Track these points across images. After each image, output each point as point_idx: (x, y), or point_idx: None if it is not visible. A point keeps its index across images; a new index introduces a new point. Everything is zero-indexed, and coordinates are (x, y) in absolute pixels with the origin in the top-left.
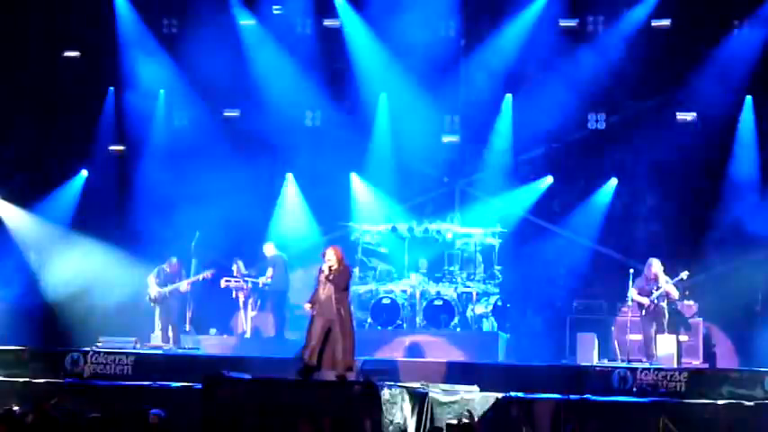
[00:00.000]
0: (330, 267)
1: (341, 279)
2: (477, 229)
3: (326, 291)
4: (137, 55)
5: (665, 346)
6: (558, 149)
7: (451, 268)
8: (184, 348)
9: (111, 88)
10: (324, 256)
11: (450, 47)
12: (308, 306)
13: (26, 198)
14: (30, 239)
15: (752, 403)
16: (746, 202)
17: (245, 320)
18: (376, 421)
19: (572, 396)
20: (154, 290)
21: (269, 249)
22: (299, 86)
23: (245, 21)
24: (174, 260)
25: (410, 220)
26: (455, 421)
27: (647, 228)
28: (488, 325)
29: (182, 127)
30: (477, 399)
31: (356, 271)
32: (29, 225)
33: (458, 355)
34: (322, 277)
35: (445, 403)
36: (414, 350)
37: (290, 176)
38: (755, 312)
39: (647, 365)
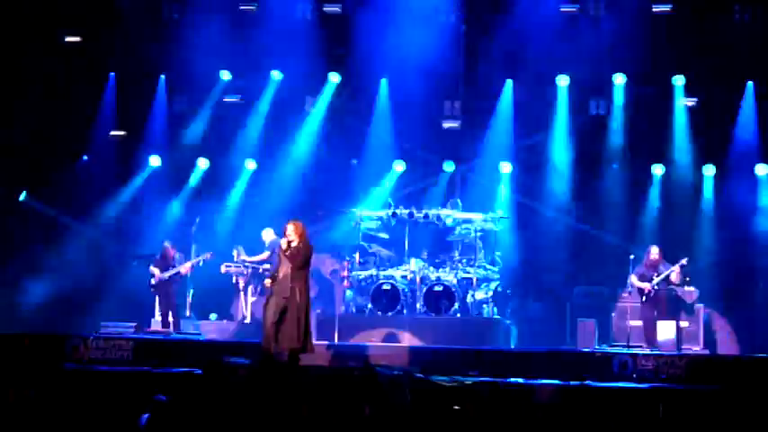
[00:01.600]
0: (289, 242)
1: (298, 255)
2: (478, 214)
3: (284, 268)
4: (138, 40)
5: (666, 332)
6: (560, 135)
7: (452, 254)
8: (185, 334)
9: (113, 73)
10: (284, 231)
11: (451, 32)
12: (268, 282)
13: (27, 183)
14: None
15: (752, 390)
16: (747, 187)
17: (246, 306)
18: (376, 406)
19: (572, 382)
20: (155, 277)
21: (268, 234)
22: (299, 71)
23: (246, 6)
24: (168, 244)
25: (410, 206)
26: (453, 405)
27: (647, 213)
28: (488, 311)
29: (182, 112)
30: (477, 384)
31: (356, 256)
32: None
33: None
34: (281, 253)
35: (445, 388)
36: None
37: (290, 160)
38: (756, 298)
39: (647, 351)
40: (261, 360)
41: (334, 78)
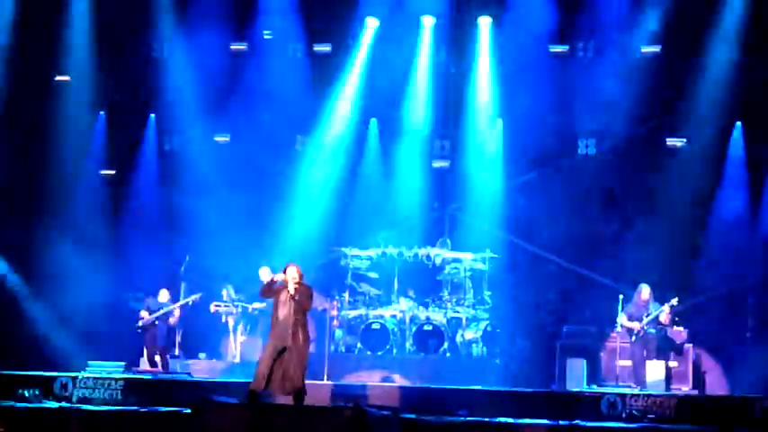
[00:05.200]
0: (296, 285)
1: (306, 298)
2: (467, 254)
3: (283, 311)
4: (127, 79)
5: (655, 371)
6: (549, 174)
7: (441, 293)
8: (174, 373)
9: (102, 112)
10: (284, 273)
11: (441, 72)
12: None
13: (17, 221)
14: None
15: (741, 430)
16: (736, 228)
17: (235, 345)
18: None
19: (561, 422)
20: (143, 319)
21: (265, 273)
22: (290, 111)
23: (236, 45)
24: (165, 292)
25: (400, 245)
26: None
27: (636, 253)
28: (478, 350)
29: (172, 151)
30: (467, 424)
31: (346, 296)
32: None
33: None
34: (283, 297)
35: (435, 429)
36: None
37: (280, 200)
38: (745, 338)
39: (636, 391)
40: (248, 399)
41: (326, 117)
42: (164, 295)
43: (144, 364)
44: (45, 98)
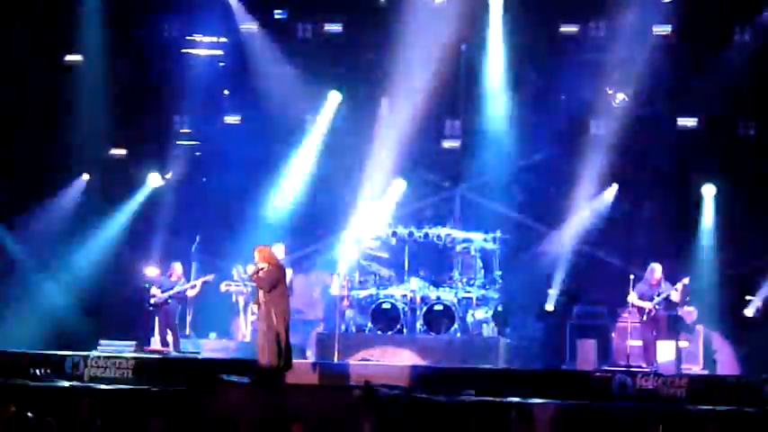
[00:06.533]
0: (258, 269)
1: (263, 280)
2: (478, 234)
3: (261, 294)
4: (138, 59)
5: (666, 352)
6: (560, 154)
7: (451, 273)
8: (184, 352)
9: (113, 92)
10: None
11: (452, 51)
12: (254, 307)
13: (28, 202)
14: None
15: (752, 410)
16: (748, 207)
17: (245, 325)
18: (375, 425)
19: (571, 402)
20: (155, 297)
21: (279, 250)
22: (301, 91)
23: (247, 25)
24: (178, 266)
25: (410, 225)
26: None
27: (647, 233)
28: (488, 330)
29: (183, 131)
30: (477, 404)
31: (356, 275)
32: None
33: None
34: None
35: (444, 407)
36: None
37: (292, 180)
38: (756, 319)
39: (647, 371)
40: (255, 377)
41: (335, 97)
42: (177, 269)
43: (155, 343)
44: (56, 78)
